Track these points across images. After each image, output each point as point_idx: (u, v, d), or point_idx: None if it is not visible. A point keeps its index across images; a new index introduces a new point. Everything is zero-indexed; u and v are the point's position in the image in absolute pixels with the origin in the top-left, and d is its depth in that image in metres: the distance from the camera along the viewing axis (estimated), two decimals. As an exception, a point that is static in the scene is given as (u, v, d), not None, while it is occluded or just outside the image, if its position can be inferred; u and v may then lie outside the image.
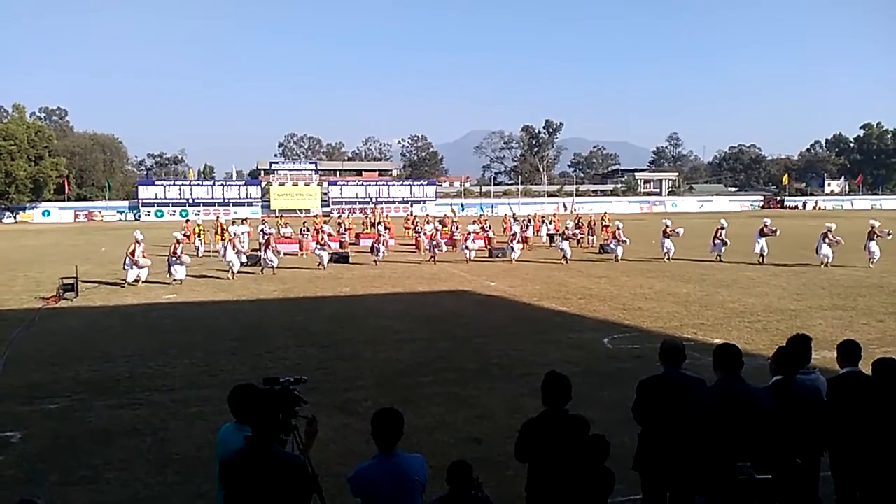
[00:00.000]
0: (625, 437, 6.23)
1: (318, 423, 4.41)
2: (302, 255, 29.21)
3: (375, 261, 25.88)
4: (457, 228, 33.84)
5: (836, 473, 5.40)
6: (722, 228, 26.62)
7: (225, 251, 22.60)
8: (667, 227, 26.86)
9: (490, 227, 34.68)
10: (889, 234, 24.21)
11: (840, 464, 5.31)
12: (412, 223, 39.25)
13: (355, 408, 8.96)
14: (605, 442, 4.65)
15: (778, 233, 26.47)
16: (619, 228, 27.51)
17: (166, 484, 6.89)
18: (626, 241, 27.14)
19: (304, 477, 3.86)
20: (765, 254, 25.18)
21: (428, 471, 4.21)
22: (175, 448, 7.78)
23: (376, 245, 26.38)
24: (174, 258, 21.13)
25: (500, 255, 28.35)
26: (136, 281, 20.60)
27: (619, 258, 26.52)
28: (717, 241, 26.44)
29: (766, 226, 25.83)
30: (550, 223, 38.13)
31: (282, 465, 3.74)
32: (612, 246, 27.69)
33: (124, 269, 20.72)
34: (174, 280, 21.02)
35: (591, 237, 33.92)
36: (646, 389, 5.27)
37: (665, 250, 26.66)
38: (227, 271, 22.18)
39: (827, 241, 23.71)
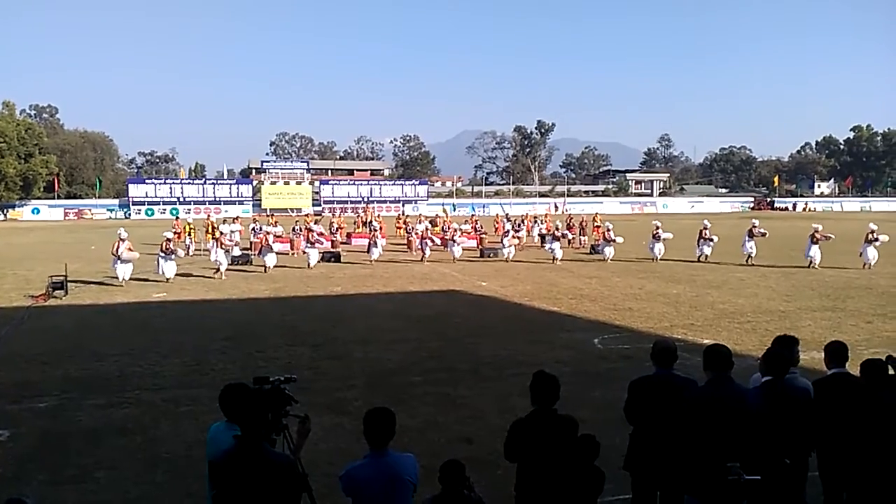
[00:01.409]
0: (615, 437, 6.25)
1: (310, 421, 4.40)
2: (293, 254, 29.18)
3: (372, 260, 25.88)
4: (448, 228, 33.84)
5: (823, 474, 5.43)
6: (705, 228, 26.89)
7: (213, 250, 22.55)
8: (657, 228, 27.03)
9: (482, 227, 34.71)
10: (881, 239, 24.00)
11: (827, 464, 5.35)
12: (404, 223, 39.24)
13: (346, 407, 8.96)
14: (595, 442, 4.67)
15: (767, 235, 26.54)
16: (608, 230, 27.65)
17: (156, 483, 6.87)
18: (615, 240, 27.26)
19: (294, 476, 3.86)
20: (752, 255, 25.38)
21: (419, 470, 4.21)
22: (165, 447, 7.76)
23: (373, 243, 26.39)
24: (163, 255, 21.10)
25: (491, 255, 28.40)
26: (123, 280, 20.39)
27: (609, 258, 26.72)
28: (701, 242, 26.71)
29: (754, 227, 25.96)
30: (542, 223, 38.18)
31: (271, 465, 3.74)
32: (601, 247, 27.90)
33: (113, 268, 20.58)
34: (166, 278, 21.03)
35: (582, 238, 33.99)
36: (637, 389, 5.30)
37: (655, 253, 26.83)
38: (216, 270, 22.12)
39: (815, 240, 23.94)
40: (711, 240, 26.59)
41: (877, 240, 23.68)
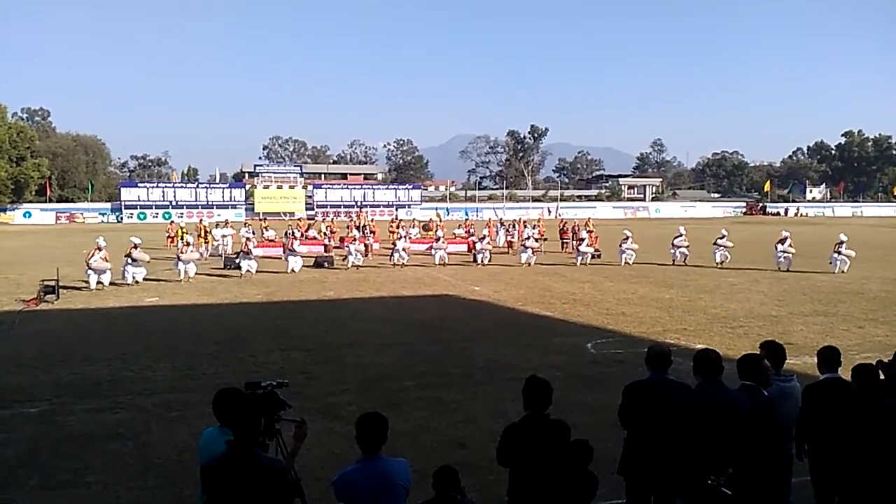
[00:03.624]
0: (608, 441, 6.26)
1: (307, 426, 4.41)
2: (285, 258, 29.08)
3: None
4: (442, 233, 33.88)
5: (814, 478, 5.46)
6: (679, 236, 27.29)
7: (177, 261, 22.60)
8: (627, 237, 27.73)
9: (474, 232, 34.72)
10: (845, 253, 24.36)
11: (819, 469, 5.37)
12: (397, 227, 39.24)
13: (339, 412, 8.95)
14: (588, 446, 4.68)
15: (731, 244, 26.72)
16: (590, 232, 27.97)
17: (147, 488, 6.84)
18: (591, 249, 27.62)
19: (285, 482, 3.86)
20: (725, 261, 25.85)
21: (412, 475, 4.21)
22: (156, 452, 7.72)
23: (356, 247, 26.43)
24: (128, 260, 21.23)
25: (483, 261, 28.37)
26: (100, 284, 20.19)
27: (586, 262, 27.12)
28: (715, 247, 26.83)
29: (722, 237, 26.46)
30: (534, 228, 38.19)
31: (262, 470, 3.74)
32: (579, 251, 28.21)
33: (86, 275, 20.31)
34: (131, 282, 21.07)
35: (574, 242, 34.02)
36: (632, 394, 5.31)
37: (623, 258, 27.32)
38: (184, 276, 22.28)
39: (781, 248, 24.77)
40: (682, 246, 27.01)
41: (840, 252, 24.14)
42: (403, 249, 27.46)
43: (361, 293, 19.82)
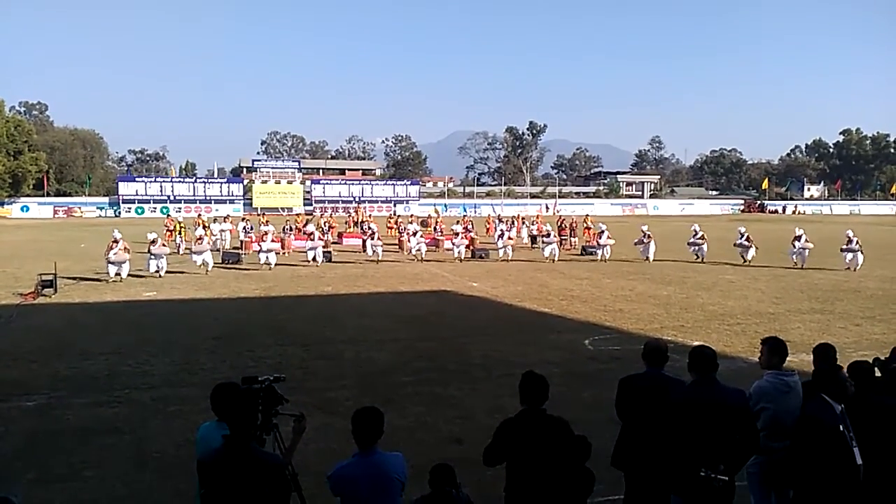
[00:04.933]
0: (605, 437, 6.26)
1: (305, 420, 4.42)
2: (284, 253, 29.07)
3: (377, 261, 26.05)
4: (440, 229, 33.89)
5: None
6: (695, 234, 27.42)
7: (192, 254, 23.05)
8: (643, 232, 27.84)
9: (473, 228, 34.75)
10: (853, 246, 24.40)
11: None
12: (395, 223, 39.29)
13: (336, 407, 8.95)
14: (587, 443, 4.69)
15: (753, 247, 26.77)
16: (601, 231, 27.99)
17: (144, 482, 6.85)
18: (608, 243, 27.59)
19: (282, 476, 3.87)
20: (752, 257, 25.91)
21: (408, 470, 4.22)
22: (154, 446, 7.74)
23: (374, 243, 26.52)
24: (151, 255, 21.69)
25: (482, 256, 28.41)
26: (118, 276, 20.75)
27: (605, 259, 27.35)
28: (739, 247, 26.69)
29: (741, 237, 26.44)
30: (533, 224, 38.25)
31: (259, 465, 3.75)
32: (594, 248, 28.32)
33: (107, 270, 20.89)
34: (158, 274, 21.58)
35: (572, 239, 34.09)
36: (627, 387, 5.34)
37: (644, 254, 27.48)
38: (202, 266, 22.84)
39: (799, 244, 24.82)
40: (700, 244, 27.08)
41: (848, 248, 24.25)
42: (419, 243, 27.75)
43: (359, 289, 19.82)
